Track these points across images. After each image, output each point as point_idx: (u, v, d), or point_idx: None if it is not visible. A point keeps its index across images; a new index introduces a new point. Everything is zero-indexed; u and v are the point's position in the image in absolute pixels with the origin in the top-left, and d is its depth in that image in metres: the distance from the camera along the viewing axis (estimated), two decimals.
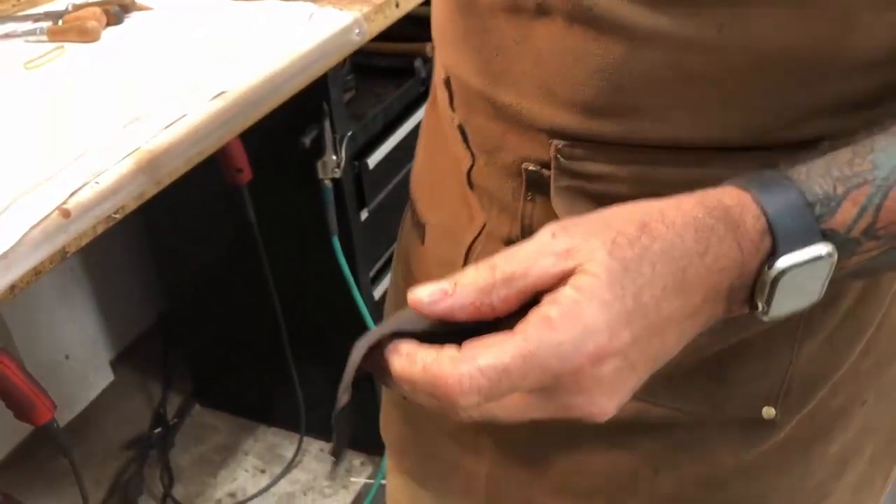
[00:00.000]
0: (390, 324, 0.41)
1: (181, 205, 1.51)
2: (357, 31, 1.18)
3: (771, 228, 0.41)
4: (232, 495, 1.79)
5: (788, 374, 0.59)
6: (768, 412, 0.60)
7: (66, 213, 0.75)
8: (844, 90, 0.48)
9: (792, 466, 0.64)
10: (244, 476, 1.82)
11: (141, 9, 1.22)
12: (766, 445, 0.62)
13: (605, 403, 0.40)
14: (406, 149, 1.58)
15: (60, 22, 1.15)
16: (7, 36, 1.15)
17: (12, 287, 0.71)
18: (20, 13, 1.20)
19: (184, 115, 0.90)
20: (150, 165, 0.85)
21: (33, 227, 0.73)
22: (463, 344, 0.39)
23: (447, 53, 0.63)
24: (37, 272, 0.74)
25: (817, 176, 0.42)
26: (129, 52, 1.09)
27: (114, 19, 1.17)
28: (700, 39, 0.47)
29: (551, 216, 0.55)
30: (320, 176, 1.37)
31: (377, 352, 0.41)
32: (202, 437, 1.92)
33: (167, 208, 1.41)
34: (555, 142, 0.54)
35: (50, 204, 0.75)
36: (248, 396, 1.92)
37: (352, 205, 1.47)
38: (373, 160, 1.48)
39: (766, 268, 0.42)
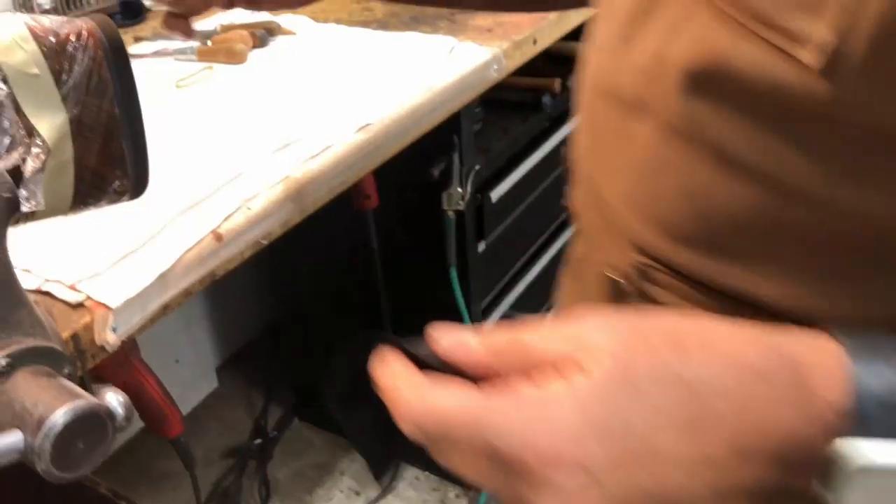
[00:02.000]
0: (409, 341, 0.42)
1: (305, 222, 1.53)
2: (495, 66, 1.18)
3: (860, 412, 0.32)
4: None
5: None
6: None
7: (219, 237, 0.77)
8: None
9: None
10: (339, 496, 1.83)
11: (285, 33, 1.25)
12: None
13: None
14: (528, 183, 1.57)
15: (209, 42, 1.18)
16: (158, 53, 1.19)
17: (165, 307, 0.73)
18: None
19: (330, 146, 0.92)
20: (298, 193, 0.86)
21: (188, 251, 0.74)
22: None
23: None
24: (187, 293, 0.75)
25: None
26: (275, 77, 1.11)
27: (259, 42, 1.20)
28: (801, 186, 0.40)
29: None
30: (444, 207, 1.37)
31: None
32: (300, 452, 1.93)
33: None
34: (635, 256, 0.49)
35: (205, 227, 0.76)
36: None
37: (471, 236, 1.47)
38: (496, 193, 1.47)
39: (838, 457, 0.33)
